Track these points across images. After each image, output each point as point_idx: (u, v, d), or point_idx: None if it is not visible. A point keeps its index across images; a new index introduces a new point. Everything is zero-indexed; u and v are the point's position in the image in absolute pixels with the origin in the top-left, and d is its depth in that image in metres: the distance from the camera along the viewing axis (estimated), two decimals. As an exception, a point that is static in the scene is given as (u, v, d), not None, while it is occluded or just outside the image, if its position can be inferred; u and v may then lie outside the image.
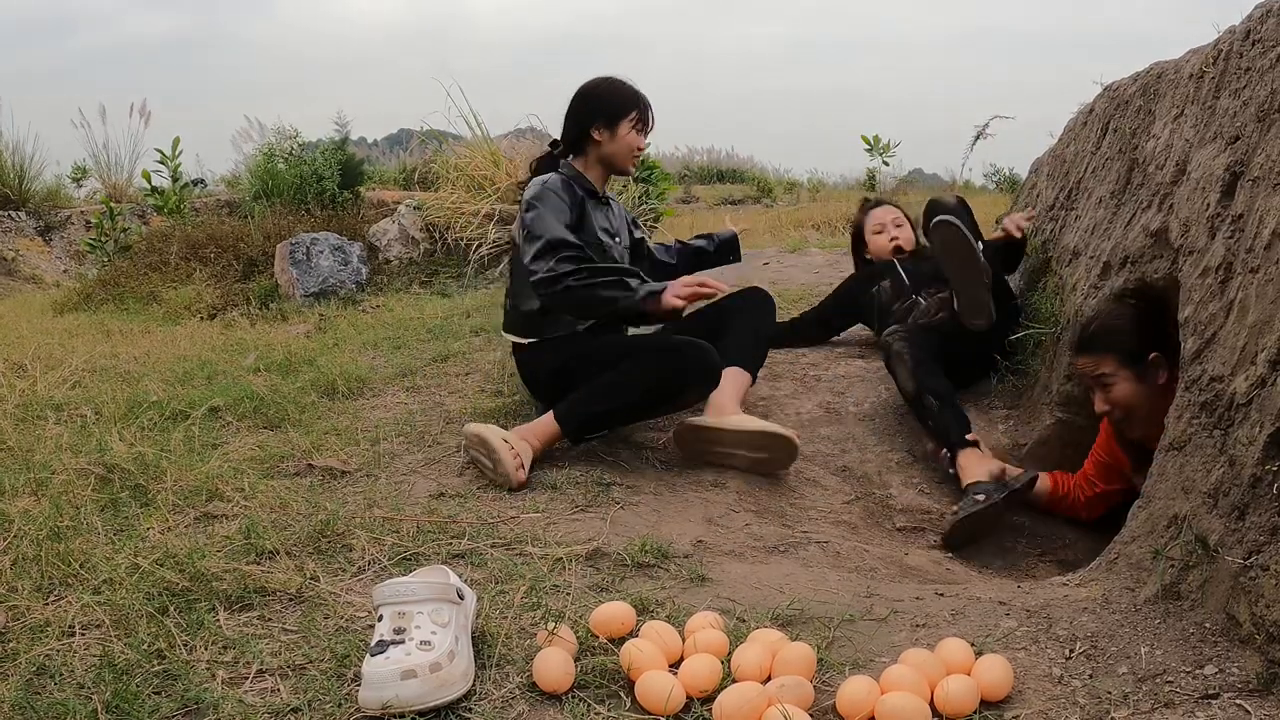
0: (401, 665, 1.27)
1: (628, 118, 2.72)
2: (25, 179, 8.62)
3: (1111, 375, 2.24)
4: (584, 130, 2.74)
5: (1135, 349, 2.21)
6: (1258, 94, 1.65)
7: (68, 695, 1.32)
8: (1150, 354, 2.18)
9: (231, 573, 1.69)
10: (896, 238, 3.40)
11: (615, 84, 2.77)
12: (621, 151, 2.75)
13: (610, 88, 2.77)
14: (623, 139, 2.73)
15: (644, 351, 2.48)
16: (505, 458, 2.24)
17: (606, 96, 2.75)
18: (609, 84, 2.77)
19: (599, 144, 2.73)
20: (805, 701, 1.28)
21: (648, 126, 2.79)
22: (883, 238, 3.43)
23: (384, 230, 5.36)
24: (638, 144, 2.77)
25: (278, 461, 2.41)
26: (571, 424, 2.44)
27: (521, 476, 2.25)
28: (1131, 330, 2.22)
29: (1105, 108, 2.81)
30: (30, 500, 2.03)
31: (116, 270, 5.72)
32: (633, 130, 2.74)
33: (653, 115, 2.80)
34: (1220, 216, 1.71)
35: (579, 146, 2.76)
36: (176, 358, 3.58)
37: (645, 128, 2.78)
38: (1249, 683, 1.24)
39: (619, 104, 2.73)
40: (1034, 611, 1.56)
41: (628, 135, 2.73)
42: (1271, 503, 1.29)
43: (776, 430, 2.47)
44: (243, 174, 7.88)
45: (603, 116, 2.73)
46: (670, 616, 1.56)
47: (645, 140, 2.81)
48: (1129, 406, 2.24)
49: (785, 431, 2.48)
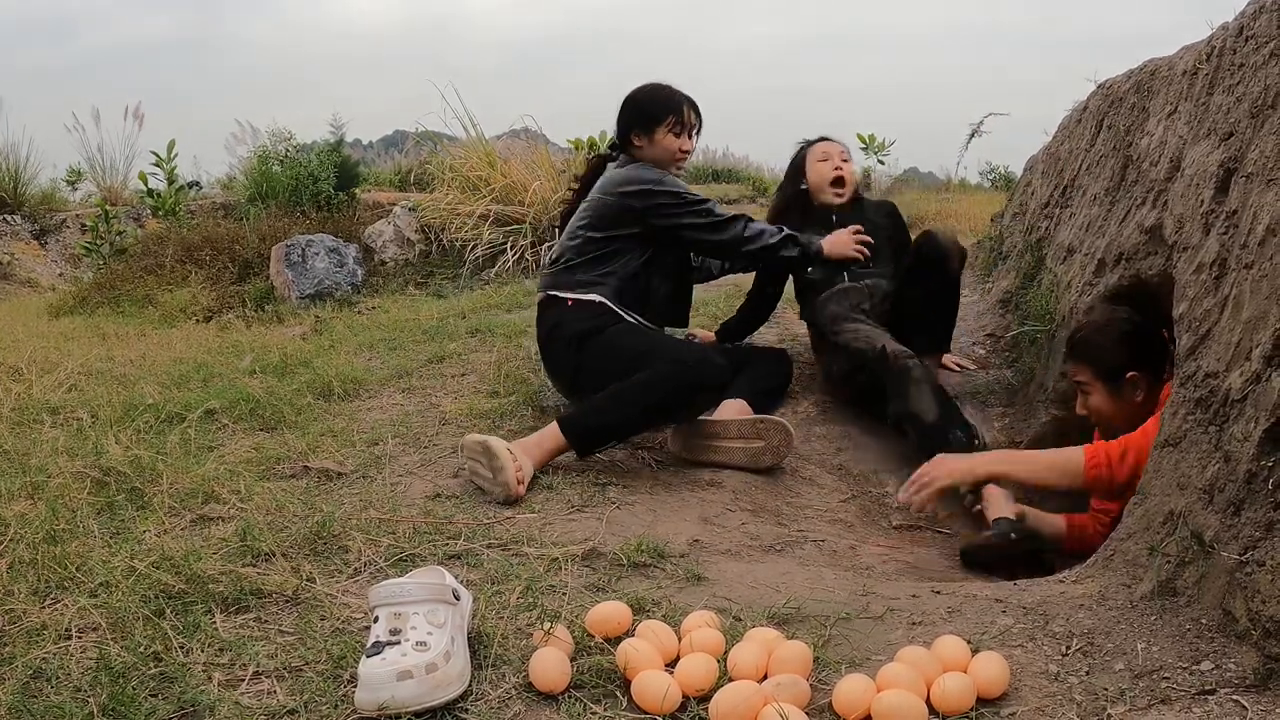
0: (397, 666, 1.27)
1: (664, 124, 2.78)
2: (20, 182, 8.61)
3: (1088, 384, 2.25)
4: (625, 137, 2.83)
5: (1113, 365, 2.20)
6: (1251, 90, 1.65)
7: (64, 698, 1.31)
8: (1129, 373, 2.17)
9: (228, 575, 1.68)
10: (840, 169, 3.18)
11: (656, 89, 2.84)
12: (661, 156, 2.81)
13: (649, 94, 2.84)
14: (660, 144, 2.79)
15: (657, 361, 2.46)
16: (508, 467, 2.18)
17: (644, 103, 2.83)
18: (649, 90, 2.84)
19: (640, 148, 2.81)
20: (801, 700, 1.28)
21: (689, 129, 2.83)
22: (827, 166, 3.20)
23: (379, 232, 5.36)
24: (678, 148, 2.82)
25: (274, 463, 2.40)
26: (579, 436, 2.39)
27: (520, 490, 2.20)
28: (1112, 347, 2.21)
29: (1099, 105, 2.82)
30: (26, 503, 2.03)
31: (112, 273, 5.72)
32: (670, 135, 2.79)
33: (697, 115, 2.84)
34: (1214, 213, 1.72)
35: (626, 151, 2.85)
36: (172, 360, 3.58)
37: (686, 131, 2.82)
38: (1245, 678, 1.24)
39: (655, 110, 2.80)
40: (1030, 608, 1.56)
41: (664, 140, 2.79)
42: (1267, 498, 1.29)
43: (770, 417, 2.52)
44: (238, 176, 7.87)
45: (640, 123, 2.81)
46: (666, 616, 1.56)
47: (690, 143, 2.84)
48: (1103, 417, 2.24)
49: (778, 418, 2.52)
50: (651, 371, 2.42)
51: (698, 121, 2.85)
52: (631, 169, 2.77)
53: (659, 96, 2.82)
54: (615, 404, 2.41)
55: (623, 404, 2.41)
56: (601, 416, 2.42)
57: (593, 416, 2.42)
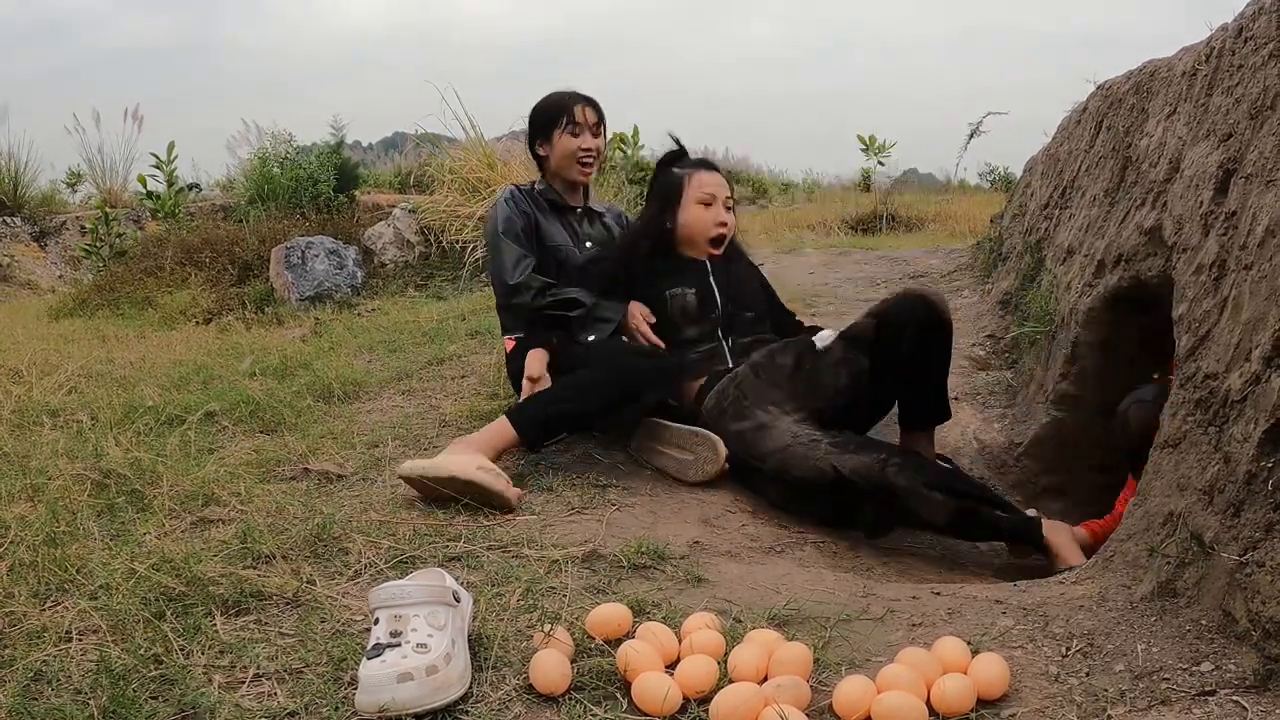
0: (398, 668, 1.27)
1: (558, 126, 2.75)
2: (20, 184, 8.61)
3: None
4: (533, 151, 2.86)
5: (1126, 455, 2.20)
6: (1250, 91, 1.65)
7: (65, 701, 1.31)
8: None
9: (228, 577, 1.68)
10: (725, 223, 2.65)
11: (548, 96, 2.82)
12: (562, 160, 2.78)
13: (542, 103, 2.82)
14: (559, 147, 2.77)
15: (604, 356, 2.44)
16: (490, 481, 2.08)
17: (539, 112, 2.82)
18: (543, 100, 2.83)
19: (545, 158, 2.82)
20: (802, 701, 1.28)
21: (580, 125, 2.76)
22: (709, 216, 2.63)
23: (379, 234, 5.36)
24: (574, 147, 2.76)
25: (274, 466, 2.40)
26: (527, 427, 2.31)
27: (515, 490, 2.13)
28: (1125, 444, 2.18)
29: (1099, 106, 2.82)
30: (26, 506, 2.02)
31: (112, 275, 5.72)
32: (566, 135, 2.75)
33: (589, 111, 2.77)
34: (1214, 214, 1.72)
35: (539, 166, 2.87)
36: (172, 362, 3.58)
37: (579, 127, 2.76)
38: (1245, 679, 1.24)
39: (548, 116, 2.79)
40: (1030, 610, 1.56)
41: (561, 142, 2.76)
42: (1267, 499, 1.29)
43: (703, 431, 2.36)
44: (238, 178, 7.87)
45: (540, 133, 2.81)
46: (667, 618, 1.56)
47: (592, 140, 2.78)
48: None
49: (712, 435, 2.34)
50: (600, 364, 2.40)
51: (597, 117, 2.78)
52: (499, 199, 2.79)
53: (550, 102, 2.80)
54: (564, 394, 2.39)
55: (573, 393, 2.38)
56: (552, 406, 2.36)
57: (543, 406, 2.37)
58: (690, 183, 2.65)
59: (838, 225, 7.44)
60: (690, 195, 2.64)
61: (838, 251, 5.29)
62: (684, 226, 2.65)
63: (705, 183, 2.65)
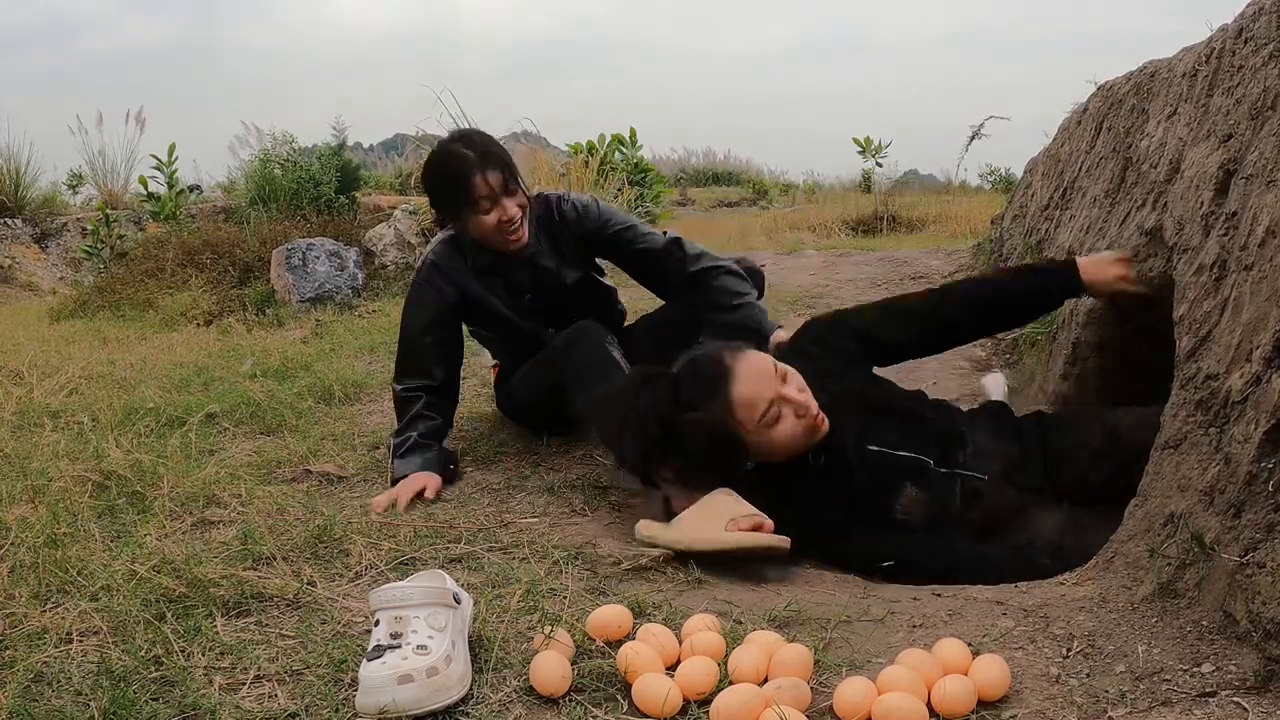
0: (398, 670, 1.27)
1: (468, 204, 2.28)
2: (21, 186, 8.62)
3: None
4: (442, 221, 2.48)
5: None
6: (1250, 92, 1.65)
7: (65, 702, 1.31)
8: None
9: (228, 578, 1.68)
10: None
11: (438, 168, 2.35)
12: (485, 236, 2.34)
13: (435, 177, 2.36)
14: (473, 227, 2.33)
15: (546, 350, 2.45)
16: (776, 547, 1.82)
17: (435, 191, 2.38)
18: (435, 170, 2.36)
19: (466, 231, 2.38)
20: (802, 703, 1.28)
21: (487, 198, 2.27)
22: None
23: (380, 235, 5.36)
24: (491, 223, 2.30)
25: (274, 467, 2.40)
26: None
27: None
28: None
29: (1099, 107, 2.82)
30: (27, 507, 2.03)
31: (113, 277, 5.72)
32: (475, 214, 2.29)
33: (491, 177, 2.26)
34: (1214, 214, 1.72)
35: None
36: (173, 364, 3.58)
37: (487, 202, 2.27)
38: (1246, 680, 1.24)
39: (446, 197, 2.34)
40: (1031, 611, 1.55)
41: (474, 222, 2.31)
42: (1267, 500, 1.29)
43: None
44: (239, 180, 7.88)
45: (446, 212, 2.40)
46: (667, 619, 1.55)
47: (504, 211, 2.29)
48: None
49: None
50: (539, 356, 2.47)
51: (501, 175, 2.27)
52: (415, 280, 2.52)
53: (443, 179, 2.32)
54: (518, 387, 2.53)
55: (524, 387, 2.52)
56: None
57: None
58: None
59: (838, 226, 7.44)
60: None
61: (838, 253, 5.28)
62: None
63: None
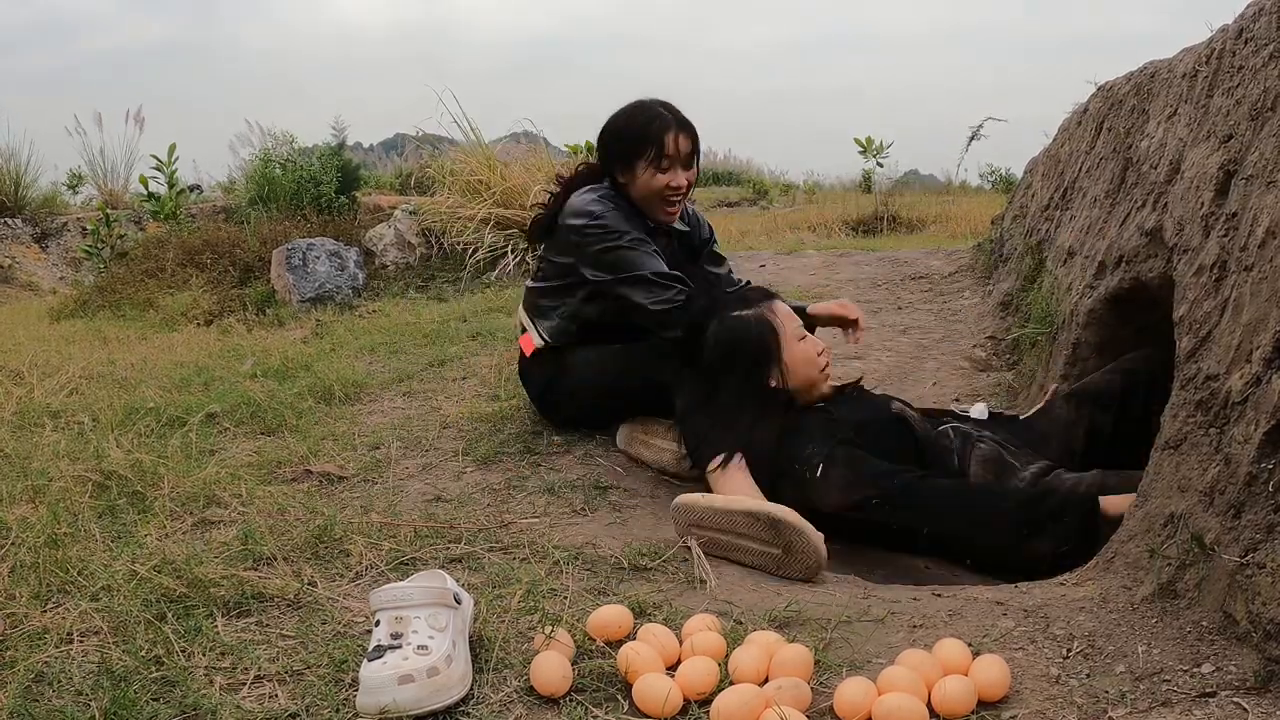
0: (399, 670, 1.27)
1: (643, 158, 2.32)
2: (21, 186, 8.63)
3: None
4: (610, 173, 2.43)
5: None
6: (1250, 92, 1.65)
7: (66, 702, 1.32)
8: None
9: (229, 579, 1.69)
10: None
11: (633, 115, 2.38)
12: (643, 197, 2.37)
13: (624, 122, 2.39)
14: (640, 182, 2.35)
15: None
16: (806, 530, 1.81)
17: (619, 136, 2.39)
18: (625, 117, 2.40)
19: (625, 186, 2.40)
20: (803, 703, 1.28)
21: (671, 159, 2.32)
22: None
23: (380, 235, 5.36)
24: (661, 185, 2.34)
25: (275, 467, 2.40)
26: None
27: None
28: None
29: (1099, 107, 2.82)
30: (28, 507, 2.03)
31: (113, 277, 5.72)
32: (651, 169, 2.32)
33: (683, 140, 2.33)
34: (1214, 215, 1.72)
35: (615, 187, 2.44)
36: (173, 364, 3.58)
37: (669, 161, 2.32)
38: (1246, 680, 1.24)
39: (630, 143, 2.35)
40: (1031, 611, 1.56)
41: (644, 177, 2.33)
42: (1267, 500, 1.29)
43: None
44: (239, 180, 7.89)
45: (619, 159, 2.38)
46: (667, 619, 1.56)
47: (677, 178, 2.34)
48: None
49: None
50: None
51: (691, 146, 2.35)
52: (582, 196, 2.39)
53: (635, 124, 2.35)
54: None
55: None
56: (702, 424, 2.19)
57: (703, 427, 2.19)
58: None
59: (838, 226, 7.44)
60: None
61: (838, 253, 5.28)
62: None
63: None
